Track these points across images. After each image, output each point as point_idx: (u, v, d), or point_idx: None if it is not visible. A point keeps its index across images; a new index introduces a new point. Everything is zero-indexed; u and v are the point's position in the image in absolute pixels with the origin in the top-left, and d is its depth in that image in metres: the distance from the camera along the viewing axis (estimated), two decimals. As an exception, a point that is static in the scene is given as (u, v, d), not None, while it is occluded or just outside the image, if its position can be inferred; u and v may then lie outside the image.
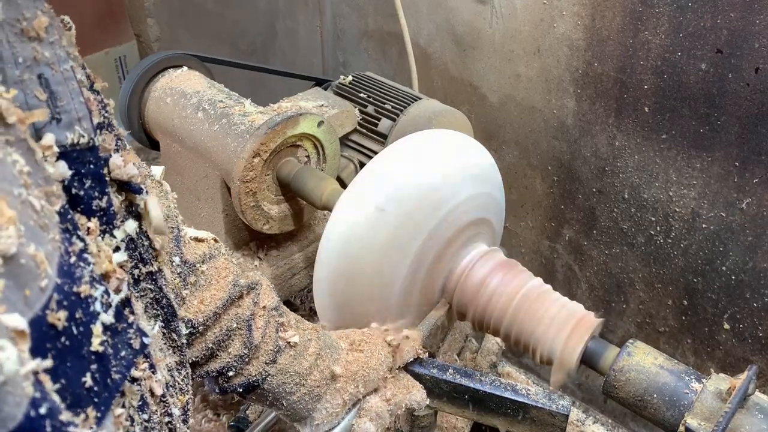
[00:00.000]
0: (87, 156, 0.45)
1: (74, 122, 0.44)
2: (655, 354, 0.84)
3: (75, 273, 0.40)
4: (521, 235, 1.69)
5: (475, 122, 1.58)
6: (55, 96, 0.43)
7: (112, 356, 0.43)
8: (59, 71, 0.44)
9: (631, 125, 1.34)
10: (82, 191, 0.45)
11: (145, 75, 1.27)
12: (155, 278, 0.57)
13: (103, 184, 0.47)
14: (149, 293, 0.57)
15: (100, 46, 2.55)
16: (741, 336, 1.35)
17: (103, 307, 0.43)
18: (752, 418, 0.75)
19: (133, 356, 0.46)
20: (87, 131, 0.45)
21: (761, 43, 1.11)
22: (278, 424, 1.12)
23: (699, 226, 1.32)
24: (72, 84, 0.45)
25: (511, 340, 0.95)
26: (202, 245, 0.76)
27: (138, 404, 0.49)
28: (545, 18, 1.38)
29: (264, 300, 0.80)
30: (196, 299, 0.74)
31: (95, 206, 0.47)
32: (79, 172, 0.45)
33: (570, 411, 0.86)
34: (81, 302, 0.40)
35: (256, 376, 0.79)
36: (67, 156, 0.43)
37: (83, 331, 0.40)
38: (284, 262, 1.26)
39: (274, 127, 1.08)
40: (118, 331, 0.45)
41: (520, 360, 1.77)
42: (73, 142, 0.44)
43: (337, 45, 1.94)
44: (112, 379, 0.42)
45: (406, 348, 0.89)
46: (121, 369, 0.44)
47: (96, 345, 0.41)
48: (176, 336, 0.61)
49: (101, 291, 0.43)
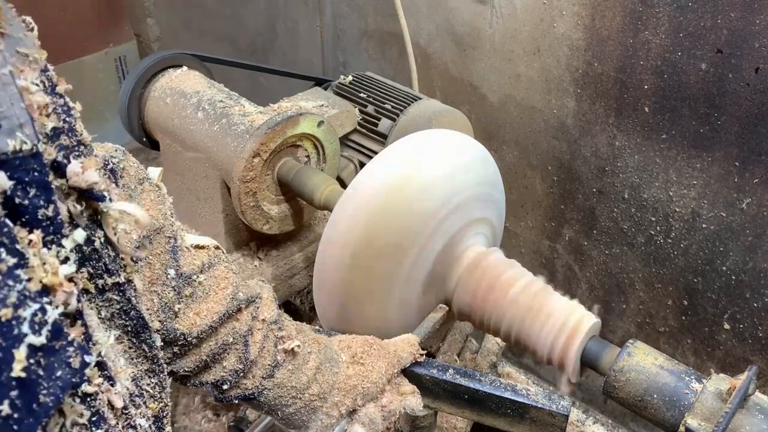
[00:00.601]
0: (30, 163, 0.43)
1: (15, 128, 0.42)
2: (655, 354, 0.84)
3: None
4: (521, 235, 1.69)
5: (475, 122, 1.58)
6: None
7: (44, 378, 0.41)
8: None
9: (631, 125, 1.34)
10: (27, 200, 0.43)
11: (145, 75, 1.27)
12: (123, 289, 0.55)
13: (48, 192, 0.45)
14: (115, 304, 0.55)
15: (100, 46, 2.55)
16: (741, 336, 1.35)
17: (33, 328, 0.40)
18: (752, 418, 0.75)
19: (72, 375, 0.44)
20: (30, 137, 0.43)
21: (761, 43, 1.11)
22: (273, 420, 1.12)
23: (699, 226, 1.32)
24: (11, 89, 0.43)
25: (511, 340, 0.95)
26: (201, 253, 0.74)
27: (91, 420, 0.47)
28: (545, 18, 1.38)
29: (264, 313, 0.78)
30: (191, 311, 0.72)
31: (41, 216, 0.44)
32: (22, 180, 0.43)
33: (570, 411, 0.86)
34: (1, 327, 0.38)
35: (252, 389, 0.78)
36: (7, 164, 0.42)
37: (2, 357, 0.38)
38: (284, 262, 1.26)
39: (274, 127, 1.08)
40: (54, 350, 0.42)
41: (520, 360, 1.77)
42: (15, 149, 0.42)
43: (337, 45, 1.94)
44: (40, 403, 0.41)
45: (404, 354, 0.88)
46: (54, 390, 0.42)
47: (17, 371, 0.39)
48: (146, 347, 0.59)
49: (34, 309, 0.41)
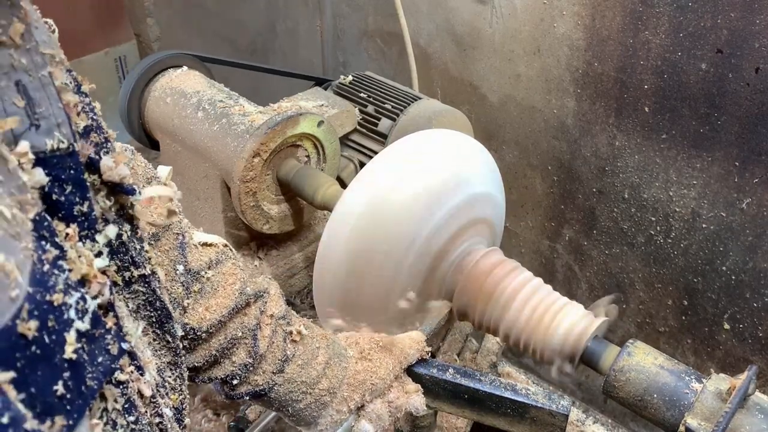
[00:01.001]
0: (67, 161, 0.45)
1: (53, 128, 0.44)
2: (655, 354, 0.84)
3: (48, 281, 0.40)
4: (521, 235, 1.69)
5: (475, 122, 1.58)
6: (33, 102, 0.43)
7: (88, 363, 0.43)
8: (37, 77, 0.43)
9: (631, 125, 1.34)
10: (63, 197, 0.45)
11: (145, 75, 1.27)
12: (148, 281, 0.57)
13: (83, 189, 0.47)
14: (141, 296, 0.57)
15: (100, 46, 2.55)
16: (741, 336, 1.35)
17: (78, 314, 0.42)
18: (752, 418, 0.75)
19: (111, 361, 0.46)
20: (66, 137, 0.45)
21: (761, 43, 1.11)
22: (278, 424, 1.12)
23: (699, 226, 1.32)
24: (50, 90, 0.44)
25: (511, 340, 0.95)
26: (209, 250, 0.75)
27: (124, 407, 0.49)
28: (545, 18, 1.38)
29: (271, 308, 0.79)
30: (201, 306, 0.73)
31: (76, 211, 0.46)
32: (59, 177, 0.44)
33: (570, 411, 0.86)
34: (54, 310, 0.40)
35: (262, 385, 0.79)
36: (46, 162, 0.43)
37: (56, 339, 0.40)
38: (284, 262, 1.26)
39: (274, 126, 1.08)
40: (95, 338, 0.44)
41: (520, 360, 1.77)
42: (53, 148, 0.43)
43: (337, 45, 1.94)
44: (87, 386, 0.42)
45: (411, 351, 0.88)
46: (98, 375, 0.44)
47: (69, 353, 0.40)
48: (170, 337, 0.61)
49: (77, 297, 0.42)
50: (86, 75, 0.52)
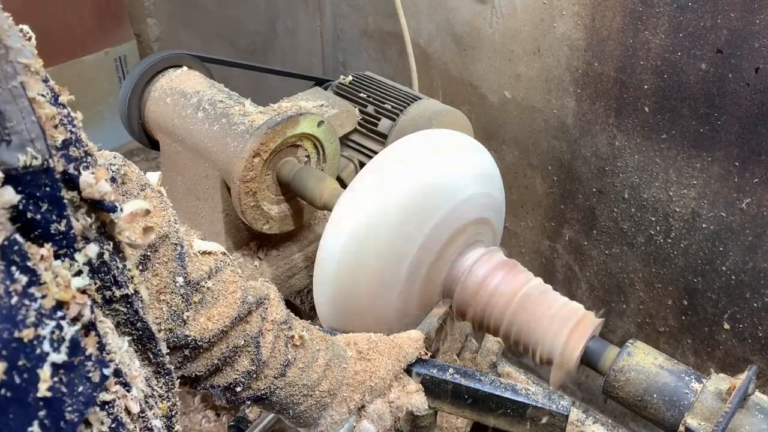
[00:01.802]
0: (41, 178, 0.42)
1: (26, 143, 0.41)
2: (655, 354, 0.84)
3: (16, 316, 0.38)
4: (521, 235, 1.69)
5: (475, 122, 1.58)
6: (3, 116, 0.40)
7: (67, 395, 0.41)
8: (7, 89, 0.41)
9: (631, 125, 1.34)
10: (39, 215, 0.42)
11: (145, 75, 1.27)
12: (130, 301, 0.54)
13: (61, 206, 0.44)
14: (122, 315, 0.55)
15: (100, 46, 2.55)
16: (741, 336, 1.35)
17: (53, 345, 0.40)
18: (752, 418, 0.75)
19: (93, 390, 0.44)
20: (41, 152, 0.42)
21: (761, 43, 1.11)
22: (278, 424, 1.12)
23: (699, 226, 1.32)
24: (22, 102, 0.42)
25: (511, 340, 0.95)
26: (208, 259, 0.74)
27: (111, 427, 0.47)
28: (545, 18, 1.38)
29: (272, 314, 0.79)
30: (202, 317, 0.72)
31: (53, 230, 0.44)
32: (33, 195, 0.42)
33: (570, 411, 0.86)
34: (24, 348, 0.38)
35: (264, 390, 0.78)
36: (18, 180, 0.40)
37: (28, 378, 0.37)
38: (284, 262, 1.26)
39: (274, 127, 1.08)
40: (74, 367, 0.42)
41: (520, 360, 1.77)
42: (26, 164, 0.41)
43: (337, 45, 1.94)
44: (66, 420, 0.40)
45: (410, 350, 0.88)
46: (78, 407, 0.41)
47: (43, 391, 0.38)
48: (152, 355, 0.59)
49: (52, 327, 0.40)
50: (86, 75, 0.51)
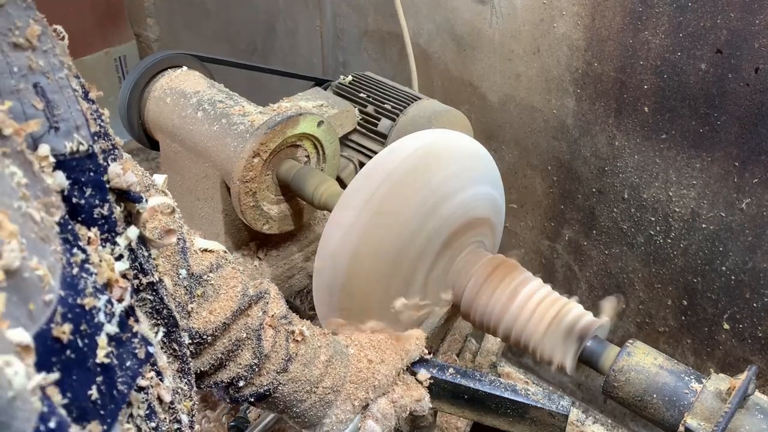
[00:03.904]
0: (86, 164, 0.45)
1: (72, 131, 0.44)
2: (654, 354, 0.84)
3: (78, 284, 0.40)
4: (521, 235, 1.69)
5: (475, 122, 1.58)
6: (51, 105, 0.42)
7: (118, 367, 0.42)
8: (54, 80, 0.43)
9: (631, 125, 1.34)
10: (83, 200, 0.45)
11: (145, 75, 1.27)
12: (156, 288, 0.56)
13: (103, 192, 0.46)
14: (149, 303, 0.56)
15: (100, 46, 2.55)
16: (741, 336, 1.35)
17: (107, 318, 0.42)
18: (752, 418, 0.75)
19: (139, 366, 0.46)
20: (85, 139, 0.44)
21: (761, 43, 1.11)
22: (278, 424, 1.12)
23: (699, 226, 1.32)
24: (68, 92, 0.44)
25: (511, 340, 0.95)
26: (209, 255, 0.75)
27: (145, 413, 0.48)
28: (545, 18, 1.38)
29: (273, 309, 0.80)
30: (204, 310, 0.73)
31: (96, 214, 0.46)
32: (78, 180, 0.44)
33: (570, 411, 0.86)
34: (85, 314, 0.40)
35: (267, 385, 0.79)
36: (65, 165, 0.43)
37: (88, 343, 0.39)
38: (284, 262, 1.26)
39: (274, 127, 1.08)
40: (122, 342, 0.44)
41: (520, 360, 1.77)
42: (72, 150, 0.43)
43: (337, 45, 1.94)
44: (119, 390, 0.42)
45: (412, 347, 0.88)
46: (127, 379, 0.43)
47: (102, 357, 0.40)
48: (177, 345, 0.61)
49: (104, 301, 0.42)
50: (86, 75, 0.52)
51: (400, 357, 0.87)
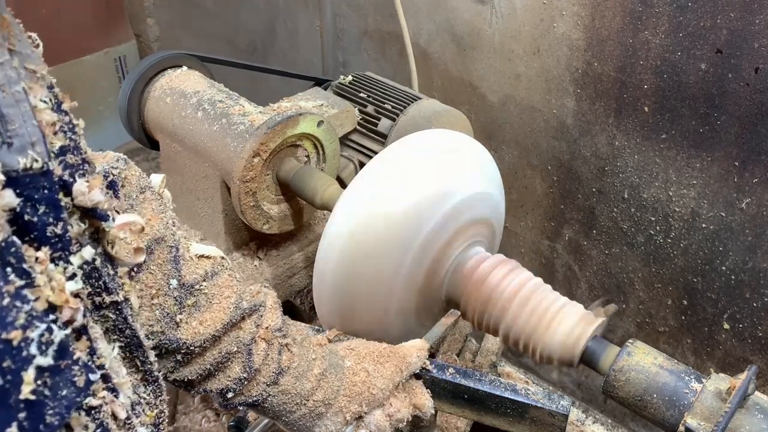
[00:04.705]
0: (40, 181, 0.43)
1: (27, 146, 0.42)
2: (655, 354, 0.84)
3: (7, 317, 0.38)
4: (521, 235, 1.69)
5: (475, 122, 1.58)
6: (5, 119, 0.41)
7: (50, 398, 0.41)
8: (10, 93, 0.42)
9: (631, 125, 1.34)
10: (36, 217, 0.43)
11: (145, 75, 1.27)
12: (120, 308, 0.55)
13: (57, 209, 0.45)
14: (110, 321, 0.55)
15: (100, 46, 2.55)
16: (741, 336, 1.35)
17: (40, 348, 0.41)
18: (752, 418, 0.75)
19: (77, 394, 0.44)
20: (41, 155, 0.43)
21: (761, 43, 1.11)
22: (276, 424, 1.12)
23: (699, 226, 1.32)
24: (24, 106, 0.43)
25: (511, 340, 0.95)
26: (205, 262, 0.74)
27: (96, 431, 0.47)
28: (545, 18, 1.38)
29: (267, 321, 0.78)
30: (195, 320, 0.71)
31: (49, 233, 0.45)
32: (31, 197, 0.43)
33: (570, 411, 0.86)
34: (11, 350, 0.38)
35: (256, 396, 0.78)
36: (17, 182, 0.42)
37: (11, 380, 0.38)
38: (284, 262, 1.26)
39: (274, 126, 1.08)
40: (60, 370, 0.42)
41: (520, 360, 1.77)
42: (26, 166, 0.42)
43: (337, 45, 1.94)
44: (46, 423, 0.41)
45: (413, 359, 0.87)
46: (59, 410, 0.42)
47: (26, 393, 0.39)
48: (139, 362, 0.60)
49: (42, 329, 0.41)
50: (86, 75, 0.51)
51: (399, 370, 0.85)
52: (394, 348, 0.88)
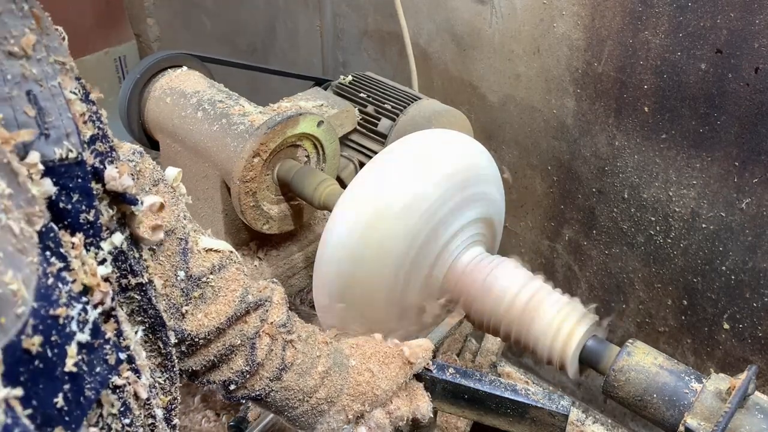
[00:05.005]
0: (75, 170, 0.46)
1: (62, 138, 0.45)
2: (654, 354, 0.84)
3: (52, 295, 0.40)
4: (521, 235, 1.69)
5: (475, 122, 1.58)
6: (43, 112, 0.43)
7: (87, 374, 0.43)
8: (47, 87, 0.44)
9: (631, 125, 1.34)
10: (70, 205, 0.45)
11: (145, 75, 1.27)
12: (145, 289, 0.57)
13: (90, 197, 0.47)
14: (135, 302, 0.57)
15: (100, 46, 2.55)
16: (741, 336, 1.35)
17: (79, 326, 0.43)
18: (752, 418, 0.75)
19: (109, 372, 0.47)
20: (75, 146, 0.46)
21: (761, 43, 1.11)
22: (278, 424, 1.12)
23: (699, 226, 1.32)
24: (60, 100, 0.45)
25: (511, 340, 0.95)
26: (213, 256, 0.75)
27: (120, 410, 0.49)
28: (545, 18, 1.38)
29: (273, 316, 0.79)
30: (200, 312, 0.73)
31: (82, 219, 0.47)
32: (66, 186, 0.45)
33: (570, 411, 0.86)
34: (57, 325, 0.40)
35: (259, 390, 0.79)
36: (54, 171, 0.44)
37: (58, 353, 0.40)
38: (284, 262, 1.26)
39: (274, 126, 1.08)
40: (94, 348, 0.45)
41: (520, 360, 1.77)
42: (62, 157, 0.44)
43: (337, 45, 1.94)
44: (85, 396, 0.43)
45: (417, 360, 0.87)
46: (95, 385, 0.44)
47: (70, 366, 0.41)
48: (161, 344, 0.61)
49: (79, 309, 0.43)
50: (86, 75, 0.52)
51: (404, 371, 0.85)
52: (399, 347, 0.88)
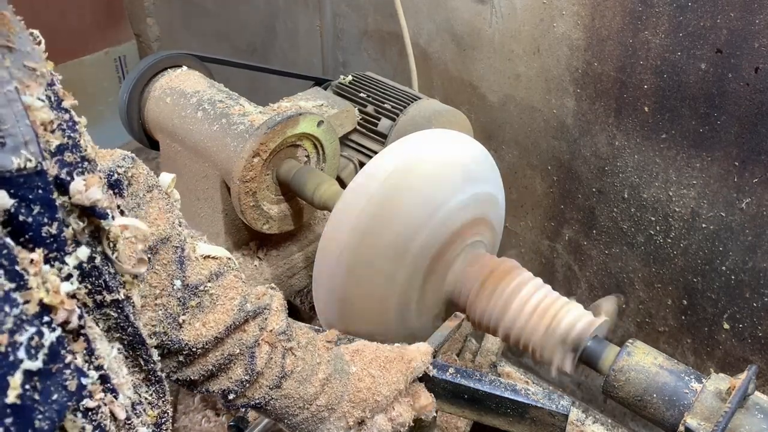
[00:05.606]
0: (34, 181, 0.43)
1: (20, 146, 0.42)
2: (654, 354, 0.84)
3: None
4: (521, 235, 1.69)
5: (475, 122, 1.58)
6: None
7: (39, 403, 0.41)
8: (2, 93, 0.42)
9: (631, 125, 1.34)
10: (30, 218, 0.43)
11: (145, 75, 1.27)
12: (121, 306, 0.55)
13: (52, 209, 0.45)
14: (112, 319, 0.55)
15: (100, 46, 2.55)
16: (741, 336, 1.35)
17: (29, 353, 0.40)
18: (752, 418, 0.75)
19: (68, 398, 0.44)
20: (34, 155, 0.43)
21: (761, 43, 1.11)
22: (278, 424, 1.12)
23: (699, 225, 1.32)
24: (16, 106, 0.43)
25: (511, 340, 0.95)
26: (211, 263, 0.73)
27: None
28: (545, 18, 1.38)
29: (272, 324, 0.77)
30: (198, 321, 0.71)
31: (44, 233, 0.44)
32: (26, 198, 0.42)
33: (570, 411, 0.86)
34: None
35: (258, 399, 0.78)
36: (11, 182, 0.41)
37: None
38: (284, 262, 1.26)
39: (274, 126, 1.08)
40: (50, 374, 0.42)
41: (520, 360, 1.77)
42: (19, 166, 0.42)
43: (337, 45, 1.94)
44: (36, 428, 0.40)
45: (417, 364, 0.86)
46: (50, 414, 0.41)
47: (12, 398, 0.38)
48: (143, 361, 0.59)
49: (31, 333, 0.40)
50: (86, 75, 0.51)
51: (405, 376, 0.85)
52: (399, 352, 0.87)
